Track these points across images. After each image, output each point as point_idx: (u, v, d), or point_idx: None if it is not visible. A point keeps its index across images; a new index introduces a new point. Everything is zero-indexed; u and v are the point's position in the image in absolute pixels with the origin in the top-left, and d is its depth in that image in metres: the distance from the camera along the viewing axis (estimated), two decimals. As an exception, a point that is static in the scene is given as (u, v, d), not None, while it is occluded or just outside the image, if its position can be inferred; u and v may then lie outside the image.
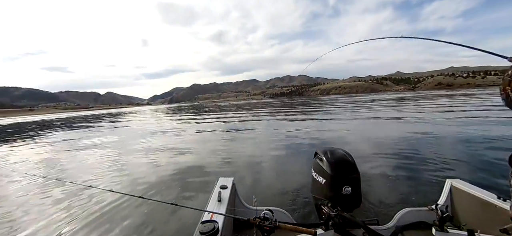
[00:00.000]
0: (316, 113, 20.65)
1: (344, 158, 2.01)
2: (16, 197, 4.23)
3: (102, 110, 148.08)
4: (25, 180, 4.84)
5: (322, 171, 2.00)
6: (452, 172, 4.41)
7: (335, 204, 1.85)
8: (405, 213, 2.10)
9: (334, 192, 1.90)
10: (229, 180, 2.29)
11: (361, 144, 7.55)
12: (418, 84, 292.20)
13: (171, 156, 6.96)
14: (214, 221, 1.52)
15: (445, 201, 2.19)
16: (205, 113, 31.14)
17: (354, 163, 1.98)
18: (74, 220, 3.26)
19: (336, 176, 1.91)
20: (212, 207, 1.81)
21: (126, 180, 4.88)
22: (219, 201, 1.89)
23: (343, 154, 2.06)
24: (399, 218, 2.06)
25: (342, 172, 1.92)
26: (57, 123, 30.43)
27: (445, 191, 2.26)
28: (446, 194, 2.23)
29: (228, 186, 2.16)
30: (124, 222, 3.11)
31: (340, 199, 1.87)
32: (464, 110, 15.58)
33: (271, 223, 1.39)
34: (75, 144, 10.13)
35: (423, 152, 5.86)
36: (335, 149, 2.13)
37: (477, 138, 7.01)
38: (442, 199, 2.22)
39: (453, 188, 2.23)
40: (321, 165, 2.03)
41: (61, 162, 6.54)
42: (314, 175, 2.11)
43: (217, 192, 1.99)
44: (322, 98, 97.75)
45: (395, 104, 27.78)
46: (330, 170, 1.93)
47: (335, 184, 1.90)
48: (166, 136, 11.54)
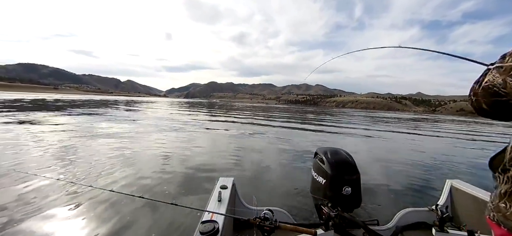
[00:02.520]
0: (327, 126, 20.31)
1: (344, 158, 2.00)
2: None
3: (122, 97, 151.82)
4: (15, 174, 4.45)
5: (322, 171, 2.00)
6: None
7: (335, 204, 1.84)
8: (405, 213, 2.07)
9: (334, 192, 1.90)
10: (229, 180, 2.28)
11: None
12: (438, 108, 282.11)
13: (175, 154, 6.88)
14: (214, 221, 1.52)
15: (445, 201, 2.15)
16: (218, 113, 31.30)
17: (354, 163, 1.97)
18: (72, 219, 3.21)
19: (336, 177, 1.90)
20: (212, 207, 1.80)
21: (127, 178, 4.77)
22: (219, 201, 1.88)
23: (343, 154, 2.05)
24: (399, 219, 2.04)
25: (342, 172, 1.91)
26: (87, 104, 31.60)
27: (445, 192, 2.22)
28: (446, 194, 2.20)
29: (228, 186, 2.16)
30: (124, 222, 3.07)
31: (340, 199, 1.87)
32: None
33: (271, 223, 1.39)
34: (84, 132, 10.08)
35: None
36: (335, 150, 2.12)
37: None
38: (442, 199, 2.19)
39: (453, 189, 2.19)
40: (321, 166, 2.02)
41: (63, 156, 6.37)
42: (314, 175, 2.11)
43: (217, 192, 1.99)
44: (338, 110, 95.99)
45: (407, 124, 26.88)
46: (330, 171, 1.93)
47: (335, 185, 1.90)
48: (173, 132, 11.64)
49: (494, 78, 0.73)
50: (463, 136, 16.15)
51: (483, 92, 0.76)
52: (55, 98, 47.30)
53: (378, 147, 9.71)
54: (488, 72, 0.77)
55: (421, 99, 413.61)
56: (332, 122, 22.48)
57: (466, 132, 20.45)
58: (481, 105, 0.78)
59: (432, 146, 11.15)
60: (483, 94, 0.77)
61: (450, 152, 9.24)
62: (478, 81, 0.79)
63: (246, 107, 50.85)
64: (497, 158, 0.87)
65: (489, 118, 0.81)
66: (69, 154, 5.97)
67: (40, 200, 3.51)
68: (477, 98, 0.79)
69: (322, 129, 16.00)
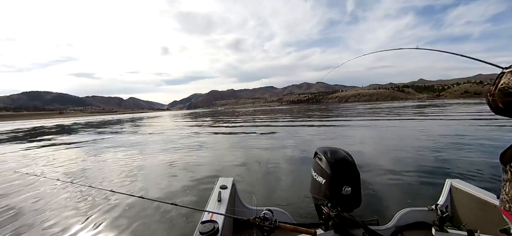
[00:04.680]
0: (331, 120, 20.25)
1: (344, 158, 1.99)
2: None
3: (125, 115, 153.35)
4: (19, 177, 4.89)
5: (322, 171, 1.99)
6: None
7: (335, 204, 1.83)
8: (405, 213, 2.06)
9: (334, 192, 1.89)
10: (229, 180, 2.29)
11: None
12: (442, 92, 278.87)
13: (178, 157, 7.05)
14: (214, 221, 1.52)
15: (445, 201, 2.14)
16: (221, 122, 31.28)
17: (354, 163, 1.96)
18: (71, 219, 3.27)
19: (336, 176, 1.89)
20: (212, 207, 1.81)
21: (128, 179, 4.88)
22: (219, 201, 1.89)
23: (343, 154, 2.04)
24: (399, 218, 2.03)
25: (342, 172, 1.90)
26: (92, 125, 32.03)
27: (445, 191, 2.21)
28: (446, 194, 2.18)
29: (228, 186, 2.16)
30: (124, 222, 3.11)
31: (340, 199, 1.86)
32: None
33: (271, 223, 1.39)
34: (90, 146, 10.39)
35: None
36: (335, 149, 2.11)
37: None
38: (442, 199, 2.17)
39: (453, 188, 2.18)
40: (321, 165, 2.02)
41: (68, 162, 6.53)
42: (314, 175, 2.10)
43: (217, 192, 1.99)
44: (342, 105, 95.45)
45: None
46: (330, 170, 1.92)
47: (335, 184, 1.89)
48: (176, 138, 11.73)
49: (509, 81, 0.81)
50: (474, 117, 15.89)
51: (499, 93, 0.84)
52: (72, 122, 48.03)
53: (382, 138, 9.63)
54: (503, 75, 0.85)
55: (424, 86, 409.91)
56: (337, 117, 22.41)
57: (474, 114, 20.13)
58: (498, 104, 0.85)
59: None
60: (499, 95, 0.84)
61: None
62: (494, 83, 0.87)
63: (255, 112, 50.37)
64: (507, 152, 0.94)
65: (505, 116, 0.88)
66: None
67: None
68: (494, 98, 0.86)
69: (331, 124, 16.18)
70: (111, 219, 3.21)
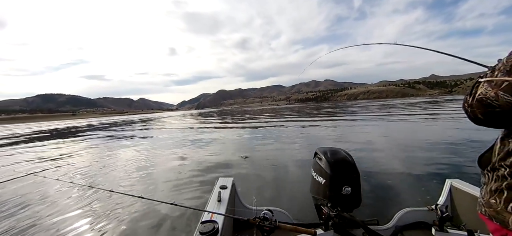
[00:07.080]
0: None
1: (344, 158, 1.98)
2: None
3: (136, 115, 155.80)
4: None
5: (321, 171, 1.98)
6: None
7: (335, 204, 1.82)
8: (405, 213, 2.04)
9: (334, 192, 1.88)
10: (229, 180, 2.29)
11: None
12: (455, 88, 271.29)
13: (179, 156, 7.03)
14: (214, 221, 1.52)
15: (445, 201, 2.10)
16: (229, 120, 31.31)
17: (354, 163, 1.94)
18: (71, 219, 3.29)
19: (336, 176, 1.88)
20: (212, 207, 1.81)
21: (129, 180, 4.89)
22: (219, 201, 1.89)
23: (342, 154, 2.03)
24: (399, 218, 2.01)
25: (342, 172, 1.89)
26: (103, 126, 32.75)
27: (445, 191, 2.17)
28: (446, 194, 2.15)
29: (228, 186, 2.16)
30: (124, 222, 3.12)
31: (340, 199, 1.85)
32: None
33: (271, 223, 1.39)
34: (94, 146, 10.53)
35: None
36: (335, 149, 2.10)
37: None
38: (442, 199, 2.13)
39: (453, 188, 2.15)
40: (321, 165, 2.01)
41: (69, 162, 6.65)
42: (314, 175, 2.09)
43: (217, 192, 1.99)
44: (350, 103, 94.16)
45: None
46: (330, 170, 1.91)
47: (334, 184, 1.88)
48: (181, 138, 11.79)
49: (486, 91, 0.78)
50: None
51: (477, 103, 0.81)
52: (87, 123, 47.60)
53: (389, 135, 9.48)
54: (479, 85, 0.82)
55: (436, 81, 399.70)
56: (347, 116, 22.19)
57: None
58: (477, 115, 0.83)
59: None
60: (477, 105, 0.81)
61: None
62: (471, 92, 0.85)
63: (266, 111, 50.01)
64: (485, 156, 0.92)
65: (484, 126, 0.86)
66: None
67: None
68: (472, 109, 0.84)
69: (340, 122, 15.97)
70: (111, 219, 3.21)
